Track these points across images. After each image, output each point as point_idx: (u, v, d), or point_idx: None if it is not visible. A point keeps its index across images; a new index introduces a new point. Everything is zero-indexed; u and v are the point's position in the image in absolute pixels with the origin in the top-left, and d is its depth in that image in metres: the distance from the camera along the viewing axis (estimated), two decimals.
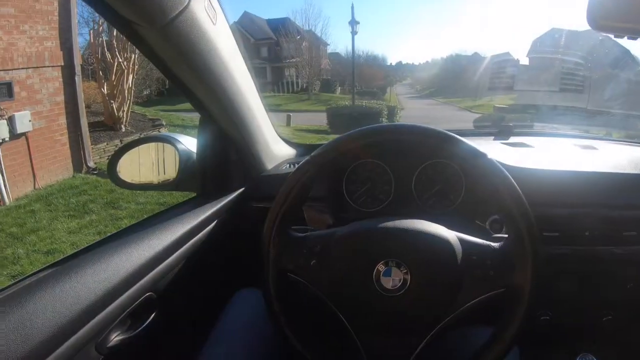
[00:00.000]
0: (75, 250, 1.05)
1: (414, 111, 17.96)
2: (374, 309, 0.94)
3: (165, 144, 1.44)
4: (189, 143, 1.43)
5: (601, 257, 1.38)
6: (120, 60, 9.27)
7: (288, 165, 1.61)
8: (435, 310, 0.93)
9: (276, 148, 1.63)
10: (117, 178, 1.41)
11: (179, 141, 1.42)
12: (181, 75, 1.10)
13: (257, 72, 22.42)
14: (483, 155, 0.94)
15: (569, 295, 1.49)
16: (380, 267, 0.91)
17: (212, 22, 1.02)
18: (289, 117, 13.49)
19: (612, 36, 0.95)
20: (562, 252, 1.37)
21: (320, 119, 13.83)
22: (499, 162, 1.00)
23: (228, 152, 1.44)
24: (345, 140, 1.01)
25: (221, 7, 1.09)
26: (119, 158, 1.41)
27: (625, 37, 0.91)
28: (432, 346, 0.94)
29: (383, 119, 12.93)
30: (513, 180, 0.93)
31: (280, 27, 21.69)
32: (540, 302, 1.47)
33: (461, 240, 0.94)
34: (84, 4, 9.52)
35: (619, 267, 1.43)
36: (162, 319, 1.13)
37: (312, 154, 1.01)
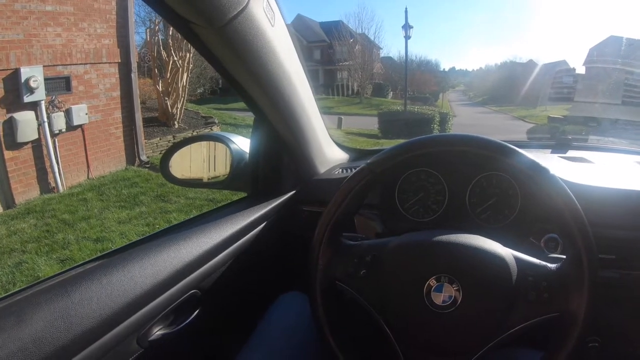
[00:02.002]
0: (125, 244, 1.08)
1: (466, 119, 17.64)
2: (422, 325, 0.91)
3: (218, 143, 1.45)
4: (242, 143, 1.44)
5: None
6: (175, 58, 9.48)
7: (341, 170, 1.59)
8: (484, 330, 0.90)
9: (329, 152, 1.62)
10: (169, 173, 1.42)
11: (232, 141, 1.42)
12: (237, 76, 1.10)
13: (310, 75, 22.43)
14: (545, 170, 0.91)
15: (620, 322, 1.42)
16: (432, 282, 0.89)
17: (271, 23, 1.01)
18: (340, 120, 13.48)
19: None
20: (614, 276, 1.30)
21: (371, 123, 13.73)
22: (559, 178, 0.97)
23: (281, 154, 1.43)
24: (403, 149, 1.00)
25: (279, 9, 1.08)
26: (172, 154, 1.43)
27: None
28: None
29: (435, 126, 12.69)
30: (575, 200, 0.90)
31: (333, 30, 21.66)
32: (590, 328, 1.37)
33: (517, 259, 0.92)
34: (142, 3, 9.78)
35: None
36: (205, 317, 1.14)
37: (369, 161, 1.00)
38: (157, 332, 0.99)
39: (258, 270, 1.40)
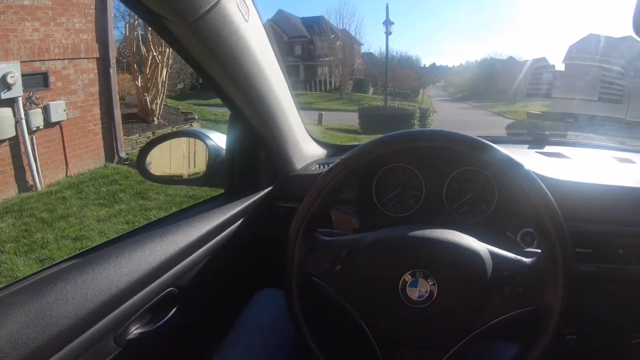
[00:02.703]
0: (98, 243, 1.06)
1: (446, 114, 17.81)
2: (398, 320, 0.91)
3: (195, 139, 1.44)
4: (219, 139, 1.43)
5: (633, 277, 1.32)
6: (154, 54, 9.37)
7: (318, 165, 1.59)
8: (460, 325, 0.90)
9: (306, 148, 1.62)
10: (146, 171, 1.41)
11: (209, 137, 1.42)
12: (211, 72, 1.09)
13: (290, 70, 22.63)
14: (520, 165, 0.92)
15: (596, 314, 1.44)
16: (407, 277, 0.89)
17: (245, 18, 1.01)
18: (320, 116, 13.49)
19: None
20: (591, 269, 1.32)
21: (351, 119, 13.80)
22: (535, 173, 0.97)
23: (257, 150, 1.43)
24: (378, 145, 1.00)
25: (254, 4, 1.08)
26: (149, 151, 1.42)
27: None
28: None
29: (415, 121, 12.83)
30: (550, 195, 0.91)
31: (315, 25, 21.64)
32: (567, 321, 1.37)
33: (492, 254, 0.92)
34: None
35: None
36: (183, 314, 1.13)
37: (344, 156, 1.00)
38: (135, 330, 0.99)
39: (235, 267, 1.40)
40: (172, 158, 1.47)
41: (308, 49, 22.70)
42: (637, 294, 1.37)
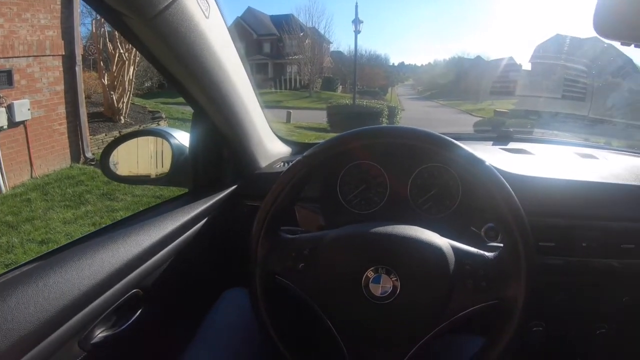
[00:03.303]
0: (60, 245, 1.04)
1: (415, 112, 17.93)
2: (362, 316, 0.92)
3: (158, 138, 1.43)
4: (183, 138, 1.42)
5: (597, 269, 1.36)
6: (121, 51, 9.21)
7: (282, 163, 1.60)
8: (424, 319, 0.91)
9: (271, 146, 1.62)
10: (110, 171, 1.40)
11: (172, 136, 1.41)
12: (172, 69, 1.09)
13: (259, 68, 22.64)
14: (481, 161, 0.93)
15: (563, 306, 1.47)
16: (370, 273, 0.89)
17: (205, 15, 1.01)
18: (289, 114, 13.46)
19: (618, 44, 0.94)
20: (557, 262, 1.35)
21: (320, 117, 13.79)
22: (497, 168, 0.98)
23: (220, 148, 1.43)
24: (338, 142, 1.00)
25: (215, 1, 1.08)
26: (111, 151, 1.40)
27: (632, 45, 0.90)
28: (421, 355, 0.92)
29: (383, 119, 12.91)
30: (510, 189, 0.92)
31: (284, 23, 21.55)
32: (534, 313, 1.47)
33: (454, 249, 0.93)
34: None
35: (615, 279, 1.41)
36: (148, 316, 1.12)
37: (305, 154, 1.01)
38: (100, 334, 0.97)
39: (201, 267, 1.39)
40: (138, 158, 1.46)
41: (277, 47, 22.62)
42: (601, 285, 1.42)
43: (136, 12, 0.86)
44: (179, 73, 1.10)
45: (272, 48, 22.95)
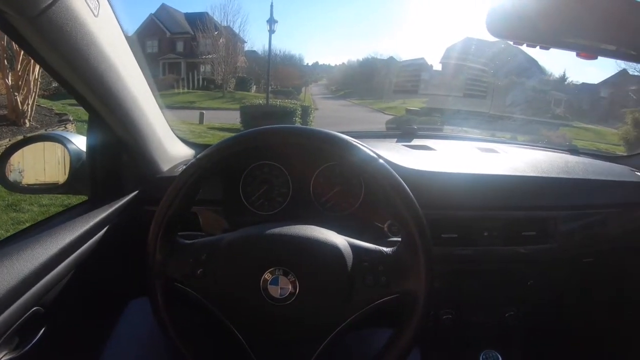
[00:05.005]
0: None
1: (328, 111, 18.06)
2: (264, 319, 0.92)
3: (55, 144, 1.35)
4: (81, 143, 1.35)
5: (503, 256, 1.42)
6: None
7: (185, 166, 1.45)
8: (327, 318, 0.92)
9: (173, 148, 1.55)
10: (6, 180, 1.32)
11: (70, 140, 1.33)
12: (60, 70, 1.01)
13: (172, 68, 22.00)
14: (374, 159, 0.93)
15: (472, 294, 1.55)
16: (267, 275, 0.89)
17: (94, 13, 0.94)
18: (202, 115, 13.30)
19: (511, 43, 0.97)
20: (464, 252, 1.40)
21: (234, 117, 13.63)
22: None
23: (119, 153, 1.36)
24: (232, 143, 0.99)
25: None
26: (7, 158, 1.32)
27: (524, 45, 0.93)
28: (329, 353, 0.93)
29: (297, 119, 12.96)
30: (404, 184, 0.92)
31: (198, 21, 20.95)
32: (444, 302, 1.56)
33: (352, 246, 0.93)
34: None
35: (519, 265, 1.50)
36: (52, 334, 1.07)
37: (198, 156, 0.98)
38: (2, 358, 0.93)
39: (105, 278, 1.32)
40: (35, 165, 1.38)
41: (191, 45, 21.95)
42: (506, 271, 1.52)
43: (18, 10, 0.80)
44: (67, 74, 1.02)
45: (186, 47, 22.41)
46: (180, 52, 22.29)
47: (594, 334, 1.83)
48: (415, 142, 1.78)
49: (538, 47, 0.94)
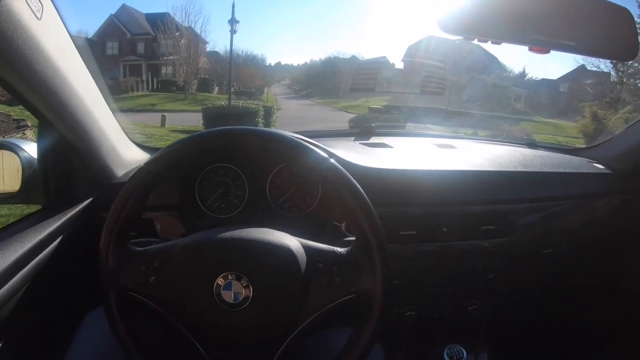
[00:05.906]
0: None
1: (291, 111, 18.10)
2: (220, 325, 0.91)
3: (4, 151, 1.31)
4: (34, 150, 1.31)
5: (462, 251, 1.44)
6: None
7: None
8: (284, 321, 0.92)
9: (127, 153, 1.51)
10: None
11: (21, 148, 1.30)
12: (4, 76, 0.96)
13: (132, 70, 21.61)
14: (325, 159, 0.92)
15: (434, 289, 1.56)
16: (220, 280, 0.88)
17: (36, 16, 0.91)
18: (163, 118, 13.14)
19: (462, 38, 0.99)
20: (424, 249, 1.41)
21: (196, 119, 13.47)
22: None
23: (71, 159, 1.32)
24: (178, 147, 0.97)
25: (52, 1, 0.99)
26: None
27: (476, 40, 0.94)
28: (289, 356, 0.94)
29: (259, 119, 12.88)
30: (355, 183, 0.92)
31: (159, 22, 20.45)
32: (406, 299, 1.56)
33: (305, 247, 0.93)
34: None
35: (480, 259, 1.51)
36: (8, 351, 1.04)
37: (147, 161, 0.97)
38: None
39: (62, 289, 1.28)
40: (5, 170, 1.33)
41: (152, 47, 21.45)
42: (467, 266, 1.53)
43: None
44: (11, 79, 0.98)
45: (147, 48, 21.88)
46: (141, 54, 21.82)
47: (555, 323, 1.88)
48: (373, 139, 1.80)
49: (489, 42, 0.98)
